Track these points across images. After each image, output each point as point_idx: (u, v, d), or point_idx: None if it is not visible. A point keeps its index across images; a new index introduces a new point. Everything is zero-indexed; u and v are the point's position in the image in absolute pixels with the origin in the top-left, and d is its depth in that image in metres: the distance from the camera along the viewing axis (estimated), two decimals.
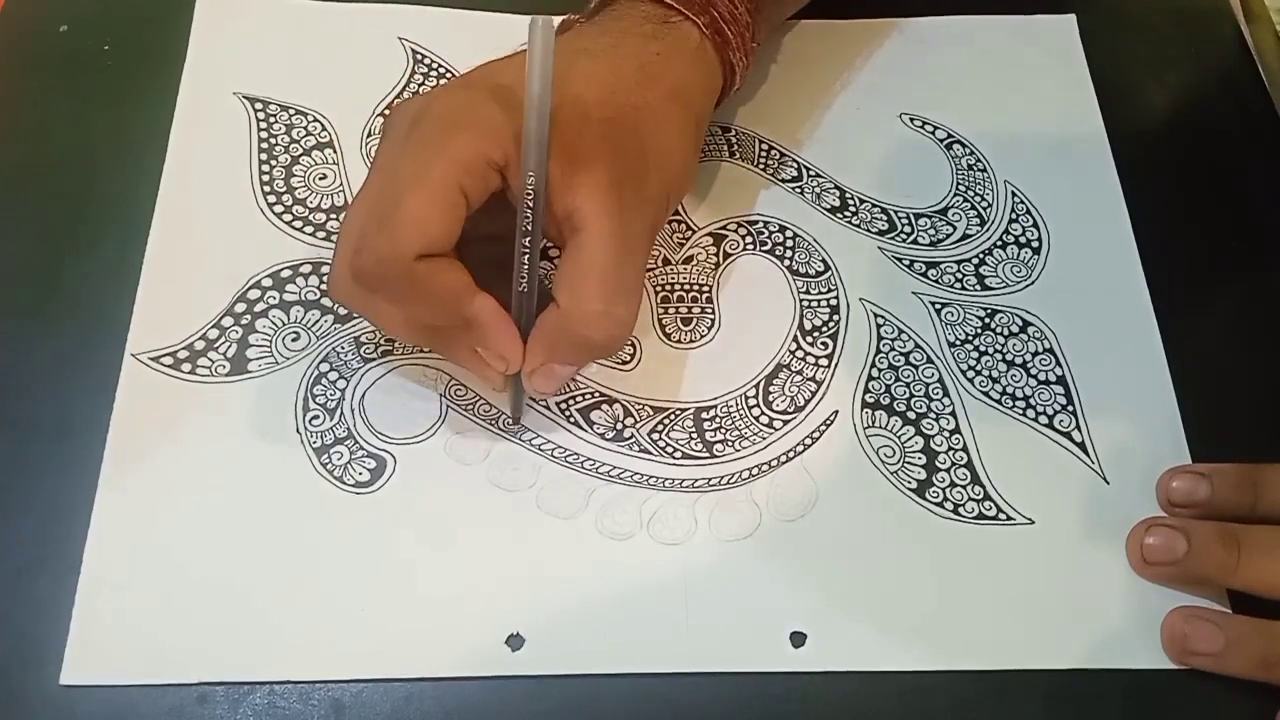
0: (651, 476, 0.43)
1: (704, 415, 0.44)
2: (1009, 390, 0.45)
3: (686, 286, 0.47)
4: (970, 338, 0.46)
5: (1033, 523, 0.42)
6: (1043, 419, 0.45)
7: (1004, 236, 0.49)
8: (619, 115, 0.40)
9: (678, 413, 0.44)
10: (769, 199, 0.49)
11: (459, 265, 0.38)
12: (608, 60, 0.42)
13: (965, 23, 0.55)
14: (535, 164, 0.37)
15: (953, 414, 0.44)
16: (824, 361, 0.45)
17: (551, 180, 0.38)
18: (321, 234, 0.47)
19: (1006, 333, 0.46)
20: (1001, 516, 0.42)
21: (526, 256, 0.39)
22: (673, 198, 0.43)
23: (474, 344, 0.40)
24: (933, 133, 0.52)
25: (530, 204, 0.38)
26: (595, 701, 0.39)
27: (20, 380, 0.43)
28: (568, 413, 0.44)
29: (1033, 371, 0.46)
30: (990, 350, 0.46)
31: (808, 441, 0.44)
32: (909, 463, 0.43)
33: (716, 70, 0.45)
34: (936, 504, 0.43)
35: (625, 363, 0.45)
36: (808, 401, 0.45)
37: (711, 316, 0.46)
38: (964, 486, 0.43)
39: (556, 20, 0.36)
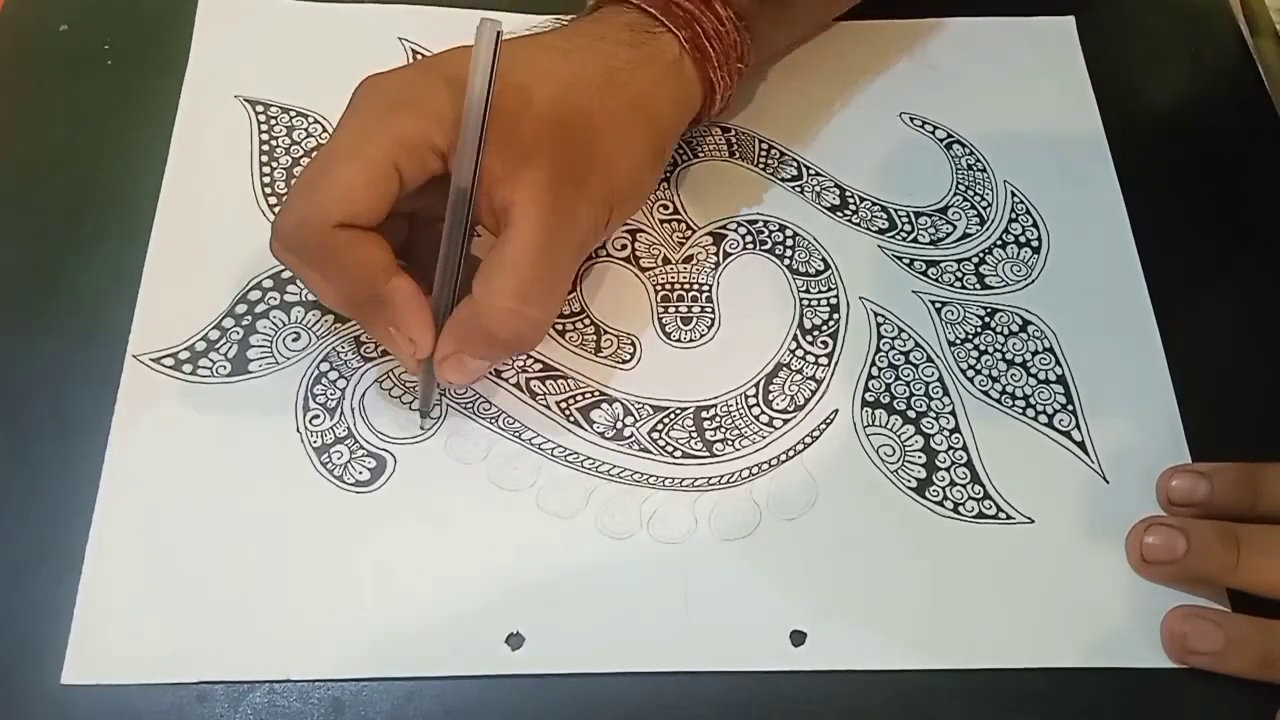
0: (651, 475, 0.43)
1: (704, 414, 0.44)
2: (1009, 389, 0.45)
3: (686, 286, 0.47)
4: (970, 337, 0.46)
5: (1032, 522, 0.42)
6: (1042, 418, 0.45)
7: (1004, 236, 0.49)
8: (570, 115, 0.40)
9: (678, 412, 0.44)
10: (769, 198, 0.49)
11: (381, 241, 0.39)
12: (574, 61, 0.41)
13: (965, 24, 0.55)
14: (466, 157, 0.38)
15: (952, 413, 0.44)
16: (824, 360, 0.45)
17: (492, 171, 0.38)
18: None
19: (1006, 332, 0.46)
20: (1001, 515, 0.43)
21: (449, 246, 0.39)
22: (618, 209, 0.42)
23: (389, 323, 0.40)
24: (932, 133, 0.52)
25: (456, 196, 0.38)
26: (595, 700, 0.39)
27: (21, 381, 0.43)
28: (568, 412, 0.44)
29: (1032, 371, 0.46)
30: (990, 349, 0.46)
31: (808, 440, 0.44)
32: (909, 461, 0.43)
33: (695, 87, 0.44)
34: (936, 503, 0.43)
35: (625, 362, 0.45)
36: (808, 400, 0.45)
37: (711, 316, 0.46)
38: (964, 485, 0.43)
39: (505, 27, 0.37)
